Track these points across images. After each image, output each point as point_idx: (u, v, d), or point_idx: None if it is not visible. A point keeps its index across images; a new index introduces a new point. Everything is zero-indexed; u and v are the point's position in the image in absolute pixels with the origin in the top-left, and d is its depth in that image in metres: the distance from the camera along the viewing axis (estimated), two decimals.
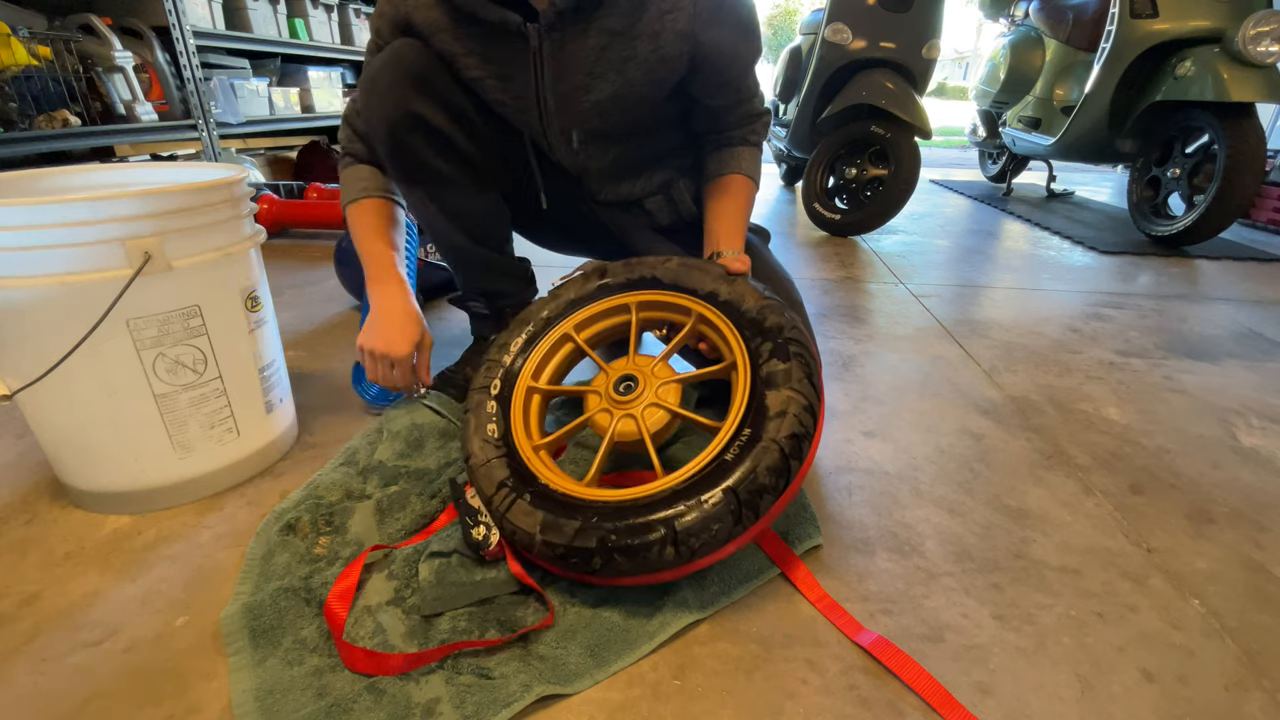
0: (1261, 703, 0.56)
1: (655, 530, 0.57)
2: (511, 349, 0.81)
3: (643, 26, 0.76)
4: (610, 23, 0.76)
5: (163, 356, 0.71)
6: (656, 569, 0.58)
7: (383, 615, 0.61)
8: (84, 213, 0.63)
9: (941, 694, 0.55)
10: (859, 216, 2.31)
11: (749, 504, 0.58)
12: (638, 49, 0.78)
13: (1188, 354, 1.35)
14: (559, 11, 0.74)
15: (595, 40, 0.77)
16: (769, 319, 0.71)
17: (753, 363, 0.68)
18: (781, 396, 0.63)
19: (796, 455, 0.60)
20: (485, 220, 0.96)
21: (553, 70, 0.80)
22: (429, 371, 0.92)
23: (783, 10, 27.47)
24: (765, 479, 0.59)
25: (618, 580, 0.60)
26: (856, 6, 2.18)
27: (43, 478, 0.84)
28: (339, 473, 0.82)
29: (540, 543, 0.61)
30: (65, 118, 1.66)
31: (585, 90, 0.81)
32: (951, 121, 9.58)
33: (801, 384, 0.64)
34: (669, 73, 0.81)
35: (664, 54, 0.79)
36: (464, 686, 0.54)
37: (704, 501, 0.58)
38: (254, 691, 0.53)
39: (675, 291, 0.79)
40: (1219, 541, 0.77)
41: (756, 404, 0.64)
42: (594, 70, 0.79)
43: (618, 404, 0.72)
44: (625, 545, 0.57)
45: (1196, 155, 2.20)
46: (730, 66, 0.85)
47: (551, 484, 0.65)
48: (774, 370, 0.65)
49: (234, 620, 0.60)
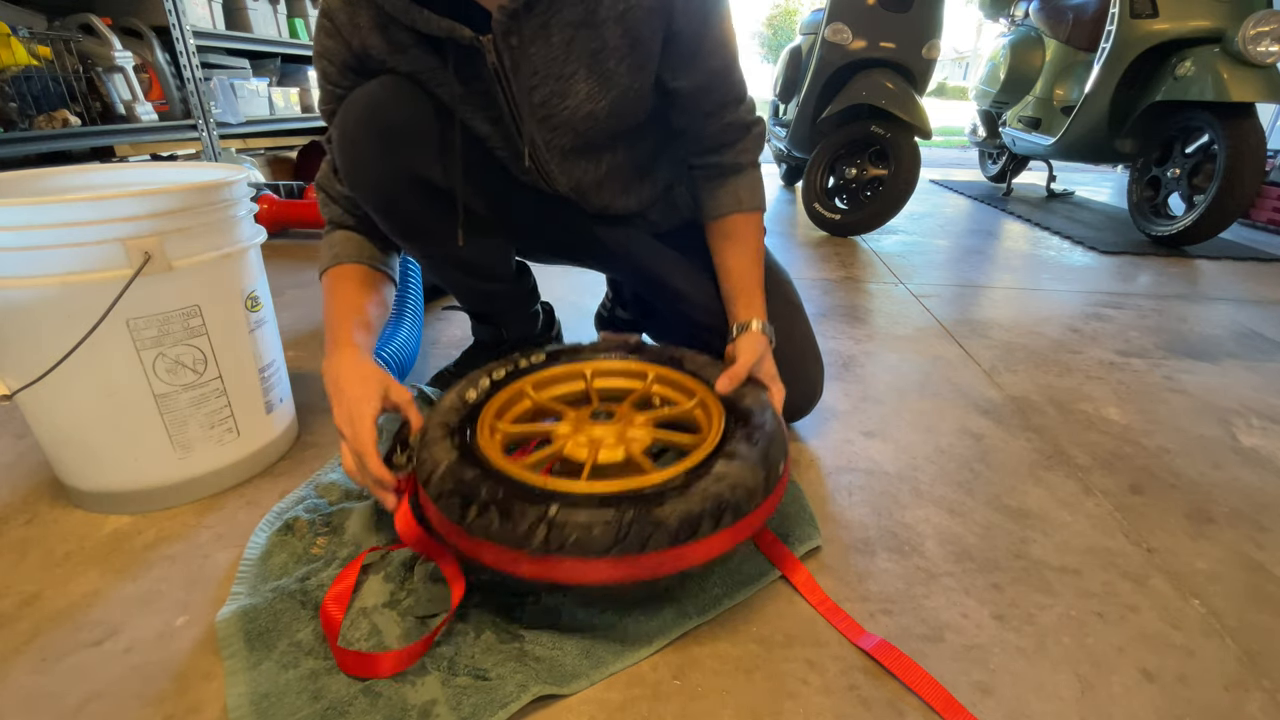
0: (1261, 703, 0.56)
1: (540, 506, 0.55)
2: (531, 359, 0.84)
3: (604, 11, 0.66)
4: (568, 14, 0.66)
5: (163, 356, 0.71)
6: (519, 544, 0.54)
7: (378, 617, 0.61)
8: (84, 213, 0.63)
9: (945, 697, 0.55)
10: (859, 216, 2.31)
11: (637, 530, 0.54)
12: (606, 37, 0.68)
13: (1188, 354, 1.35)
14: (510, 13, 0.63)
15: (558, 37, 0.67)
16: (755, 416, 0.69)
17: (723, 437, 0.67)
18: (731, 468, 0.60)
19: (710, 521, 0.57)
20: (489, 260, 0.92)
21: (520, 82, 0.70)
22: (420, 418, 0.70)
23: (783, 10, 27.47)
24: (667, 517, 0.55)
25: (482, 547, 0.57)
26: (856, 6, 2.18)
27: (43, 478, 0.84)
28: (337, 473, 0.82)
29: (438, 476, 0.59)
30: (65, 118, 1.66)
31: (562, 96, 0.71)
32: (951, 121, 9.58)
33: (753, 472, 0.61)
34: (647, 56, 0.71)
35: (637, 35, 0.69)
36: (460, 688, 0.54)
37: (598, 510, 0.55)
38: (249, 695, 0.53)
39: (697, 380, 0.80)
40: (1219, 541, 0.77)
41: (704, 466, 0.62)
42: (564, 72, 0.70)
43: (583, 428, 0.71)
44: (504, 507, 0.55)
45: (1196, 155, 2.20)
46: (704, 35, 0.72)
47: (493, 461, 0.63)
48: (738, 450, 0.63)
49: (230, 624, 0.59)
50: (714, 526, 0.57)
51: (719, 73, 0.76)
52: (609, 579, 0.55)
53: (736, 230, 0.84)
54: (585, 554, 0.54)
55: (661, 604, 0.63)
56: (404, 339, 1.11)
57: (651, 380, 0.83)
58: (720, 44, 0.74)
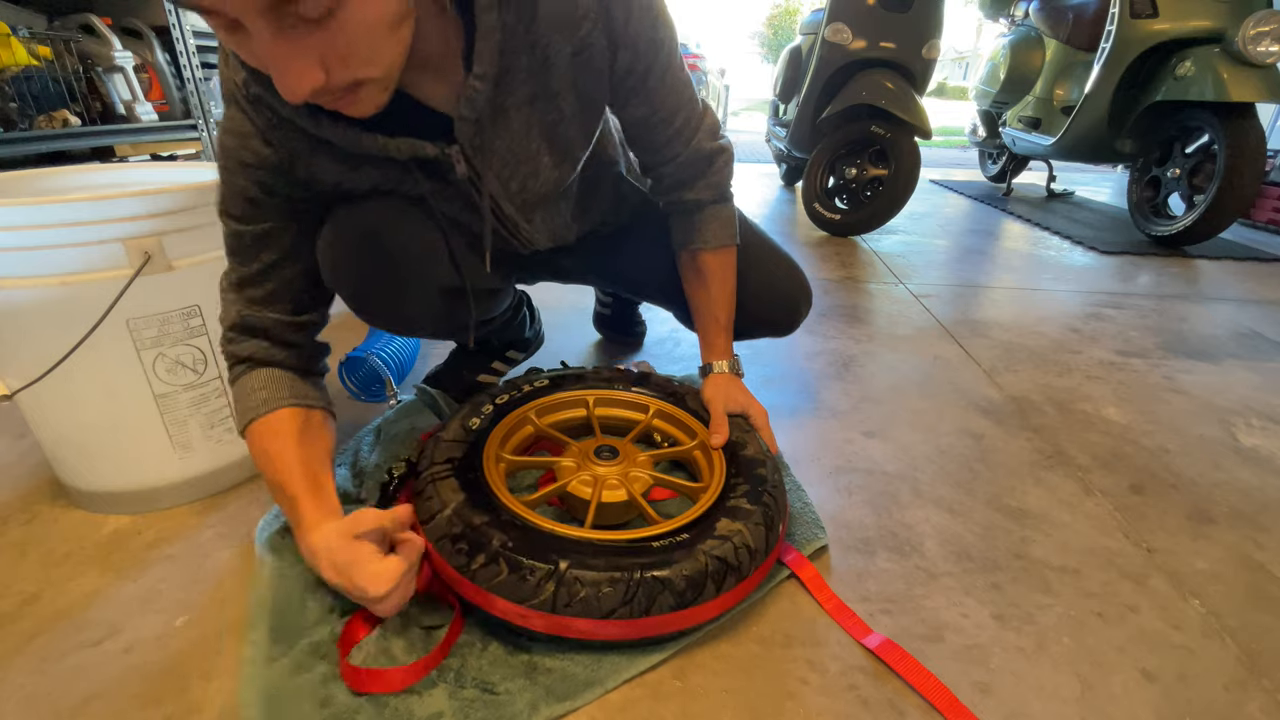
0: (1262, 703, 0.56)
1: (548, 563, 0.55)
2: (534, 384, 0.85)
3: (556, 82, 0.62)
4: (521, 92, 0.62)
5: (163, 356, 0.71)
6: (525, 599, 0.55)
7: (383, 626, 0.60)
8: (84, 213, 0.63)
9: (948, 698, 0.55)
10: (859, 216, 2.31)
11: (644, 591, 0.55)
12: (561, 106, 0.65)
13: (1188, 354, 1.35)
14: (474, 121, 0.59)
15: (517, 119, 0.63)
16: (757, 469, 0.71)
17: (724, 489, 0.68)
18: (734, 528, 0.61)
19: (715, 581, 0.57)
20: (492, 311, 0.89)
21: (498, 178, 0.66)
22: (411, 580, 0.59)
23: (783, 10, 27.49)
24: (674, 578, 0.56)
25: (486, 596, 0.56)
26: (856, 6, 2.18)
27: (43, 478, 0.84)
28: (336, 474, 0.82)
29: (445, 519, 0.59)
30: (65, 118, 1.66)
31: (534, 175, 0.68)
32: (951, 121, 9.58)
33: (756, 531, 0.62)
34: (597, 110, 0.69)
35: (587, 95, 0.66)
36: (467, 701, 0.53)
37: (606, 569, 0.55)
38: (260, 693, 0.53)
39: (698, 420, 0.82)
40: (1219, 541, 0.77)
41: (707, 521, 0.63)
42: (528, 151, 0.66)
43: (586, 463, 0.73)
44: (513, 561, 0.55)
45: (1196, 155, 2.20)
46: (650, 68, 0.67)
47: (501, 499, 0.63)
48: (740, 507, 0.64)
49: (258, 608, 0.59)
50: (717, 590, 0.58)
51: (667, 99, 0.71)
52: (616, 637, 0.57)
53: (704, 266, 0.83)
54: (591, 614, 0.55)
55: None
56: (404, 340, 1.11)
57: (653, 415, 0.84)
58: (666, 70, 0.68)
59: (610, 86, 0.67)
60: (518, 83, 0.61)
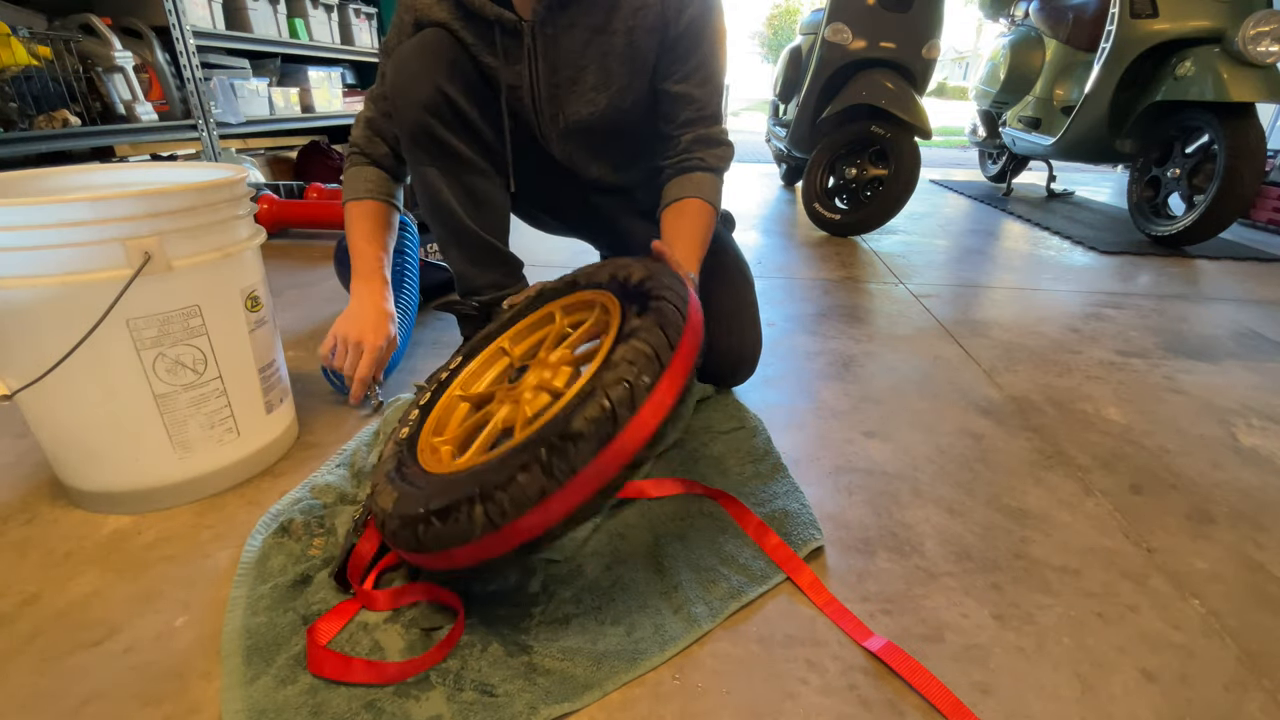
0: (1262, 703, 0.56)
1: (464, 487, 0.54)
2: (450, 366, 0.83)
3: (617, 23, 0.87)
4: (590, 19, 0.87)
5: (163, 356, 0.71)
6: (469, 535, 0.53)
7: (380, 633, 0.59)
8: (84, 213, 0.63)
9: (949, 699, 0.55)
10: (859, 216, 2.31)
11: (559, 452, 0.52)
12: (614, 44, 0.88)
13: (1188, 354, 1.35)
14: (548, 6, 0.85)
15: (581, 36, 0.88)
16: (645, 285, 0.68)
17: (620, 326, 0.65)
18: (627, 348, 0.59)
19: (626, 404, 0.55)
20: (492, 205, 1.01)
21: (546, 65, 0.90)
22: (383, 369, 0.99)
23: (783, 10, 27.47)
24: (580, 426, 0.53)
25: (449, 556, 0.55)
26: (856, 6, 2.18)
27: (43, 478, 0.84)
28: (334, 475, 0.82)
29: (386, 522, 0.58)
30: (65, 118, 1.66)
31: (574, 83, 0.91)
32: (951, 121, 9.58)
33: (650, 333, 0.59)
34: (643, 64, 0.91)
35: (637, 47, 0.89)
36: (466, 704, 0.52)
37: (513, 463, 0.53)
38: (245, 713, 0.51)
39: (592, 289, 0.79)
40: (1219, 541, 0.77)
41: (608, 360, 0.60)
42: (579, 63, 0.90)
43: (509, 393, 0.71)
44: (440, 508, 0.54)
45: (1196, 155, 2.20)
46: (696, 48, 0.90)
47: (426, 467, 0.62)
48: (633, 326, 0.62)
49: (228, 639, 0.58)
50: (631, 409, 0.54)
51: (702, 84, 0.92)
52: (571, 508, 0.53)
53: (689, 209, 0.92)
54: (527, 506, 0.52)
55: (668, 609, 0.63)
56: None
57: (560, 318, 0.81)
58: (709, 56, 0.91)
59: (659, 48, 0.90)
60: (592, 11, 0.86)
